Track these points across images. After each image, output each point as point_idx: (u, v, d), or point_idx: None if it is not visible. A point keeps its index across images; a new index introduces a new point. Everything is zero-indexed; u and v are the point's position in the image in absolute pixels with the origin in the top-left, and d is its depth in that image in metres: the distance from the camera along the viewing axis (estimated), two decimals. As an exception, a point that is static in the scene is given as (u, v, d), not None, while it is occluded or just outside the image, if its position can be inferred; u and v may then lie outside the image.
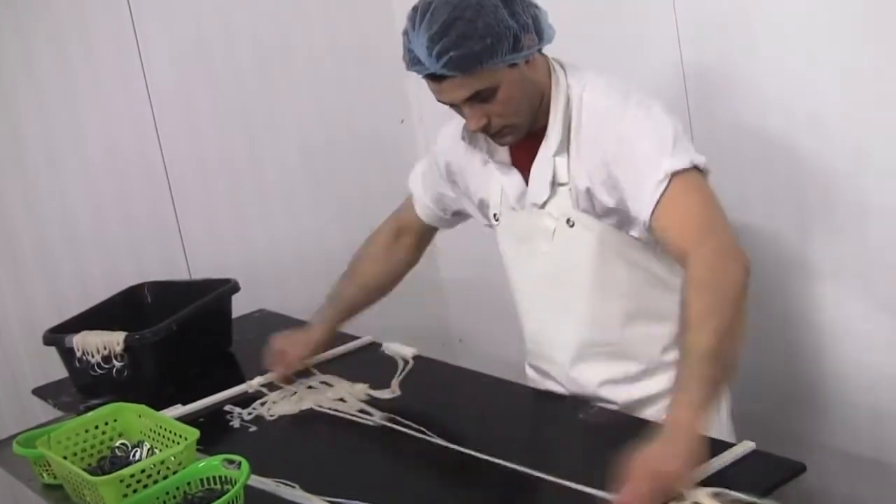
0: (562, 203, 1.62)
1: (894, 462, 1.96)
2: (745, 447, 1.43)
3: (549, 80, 1.60)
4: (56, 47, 2.42)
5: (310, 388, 1.90)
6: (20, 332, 2.41)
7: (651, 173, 1.47)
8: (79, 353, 2.00)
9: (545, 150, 1.61)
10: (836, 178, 1.90)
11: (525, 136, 1.61)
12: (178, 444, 1.51)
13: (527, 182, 1.65)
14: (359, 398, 1.81)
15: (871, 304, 1.92)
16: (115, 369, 1.98)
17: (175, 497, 1.40)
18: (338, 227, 2.86)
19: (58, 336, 2.06)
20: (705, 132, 2.07)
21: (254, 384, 1.94)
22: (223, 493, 1.39)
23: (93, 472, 1.54)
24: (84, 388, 2.06)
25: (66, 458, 1.55)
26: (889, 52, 1.75)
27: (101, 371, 1.99)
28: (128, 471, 1.43)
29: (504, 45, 1.48)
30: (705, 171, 1.51)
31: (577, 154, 1.58)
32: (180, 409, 1.88)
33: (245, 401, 1.89)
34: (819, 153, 1.91)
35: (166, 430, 1.57)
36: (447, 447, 1.57)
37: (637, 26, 2.19)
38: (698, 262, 1.41)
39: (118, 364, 1.98)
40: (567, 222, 1.62)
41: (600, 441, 1.57)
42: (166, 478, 1.43)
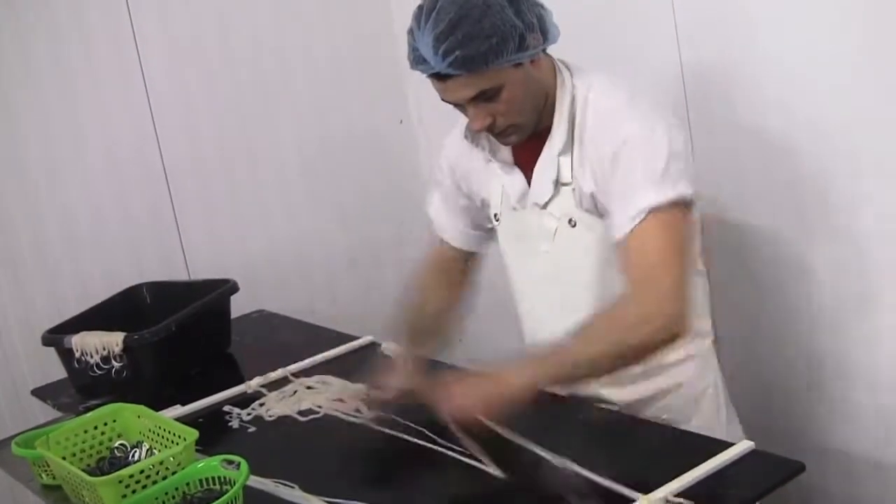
0: (564, 203, 1.62)
1: (893, 462, 1.96)
2: (744, 447, 1.42)
3: (554, 80, 1.60)
4: (55, 48, 2.42)
5: (309, 388, 1.90)
6: (19, 333, 2.40)
7: (633, 201, 1.49)
8: (78, 354, 2.00)
9: (549, 149, 1.60)
10: (835, 178, 1.90)
11: (530, 135, 1.61)
12: (177, 444, 1.51)
13: (529, 181, 1.65)
14: (357, 398, 1.81)
15: (870, 303, 1.92)
16: (114, 370, 1.99)
17: (174, 497, 1.40)
18: (337, 227, 2.86)
19: (57, 336, 2.06)
20: (704, 132, 2.08)
21: (253, 385, 1.94)
22: (222, 493, 1.39)
23: (92, 472, 1.54)
24: (83, 388, 2.06)
25: (65, 458, 1.55)
26: (889, 52, 1.75)
27: (100, 371, 1.99)
28: (127, 471, 1.43)
29: (510, 44, 1.47)
30: (690, 203, 1.52)
31: (581, 154, 1.58)
32: (179, 410, 1.88)
33: (244, 401, 1.89)
34: (818, 153, 1.91)
35: (165, 430, 1.57)
36: (446, 447, 1.57)
37: (636, 26, 2.19)
38: (633, 301, 1.47)
39: (117, 364, 1.98)
40: (569, 222, 1.62)
41: (601, 441, 1.57)
42: (165, 478, 1.43)
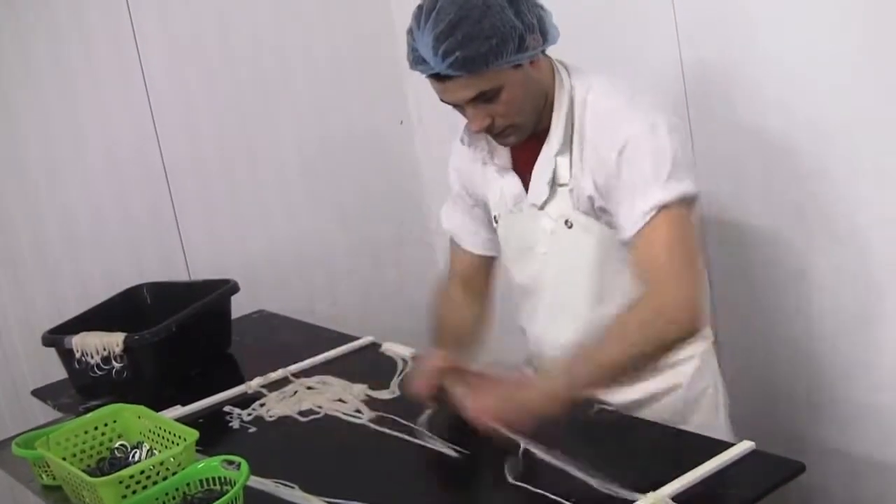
0: (561, 204, 1.62)
1: (893, 462, 1.96)
2: (744, 447, 1.42)
3: (553, 80, 1.60)
4: (55, 48, 2.42)
5: (309, 388, 1.90)
6: (19, 333, 2.40)
7: (641, 200, 1.49)
8: (78, 354, 2.00)
9: (547, 150, 1.60)
10: (835, 179, 1.90)
11: (529, 137, 1.61)
12: (178, 444, 1.51)
13: (526, 184, 1.65)
14: (358, 398, 1.81)
15: (869, 304, 1.92)
16: (114, 370, 1.98)
17: (174, 498, 1.41)
18: (337, 227, 2.86)
19: (57, 337, 2.06)
20: (705, 132, 2.08)
21: (253, 385, 1.94)
22: (222, 493, 1.39)
23: (92, 473, 1.54)
24: (83, 389, 2.06)
25: (65, 459, 1.55)
26: (889, 52, 1.75)
27: (100, 372, 1.99)
28: (127, 472, 1.43)
29: (509, 45, 1.47)
30: (693, 201, 1.52)
31: (580, 155, 1.58)
32: (180, 410, 1.88)
33: (244, 402, 1.89)
34: (818, 153, 1.91)
35: (166, 430, 1.57)
36: (446, 448, 1.57)
37: (636, 27, 2.19)
38: (651, 300, 1.47)
39: (117, 365, 1.98)
40: (565, 224, 1.62)
41: (601, 442, 1.57)
42: (166, 479, 1.43)
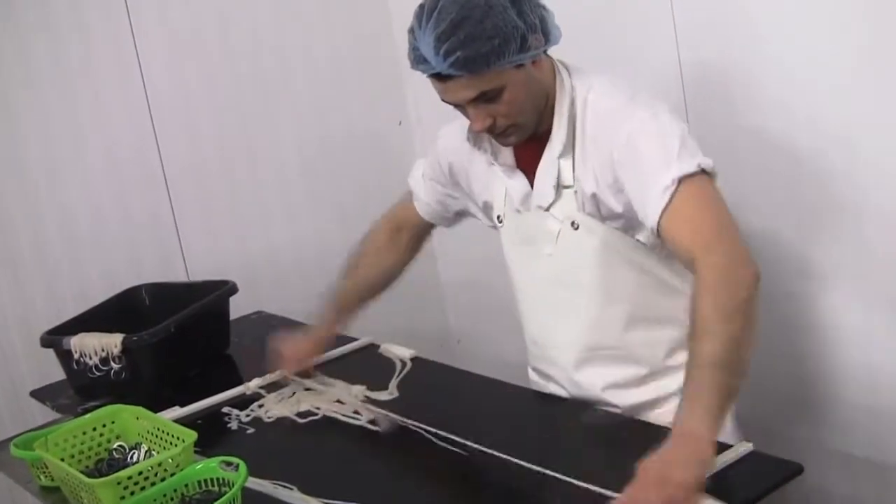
0: (566, 206, 1.61)
1: (892, 462, 1.96)
2: (743, 448, 1.42)
3: (554, 81, 1.59)
4: (55, 48, 2.42)
5: (307, 389, 1.90)
6: (18, 334, 2.40)
7: (658, 179, 1.45)
8: (76, 355, 2.00)
9: (549, 152, 1.60)
10: (834, 179, 1.90)
11: (530, 138, 1.60)
12: (176, 445, 1.51)
13: (531, 184, 1.64)
14: (356, 399, 1.81)
15: (868, 304, 1.92)
16: (112, 371, 1.98)
17: (173, 499, 1.40)
18: (336, 228, 2.85)
19: (55, 338, 2.05)
20: (703, 133, 2.06)
21: (252, 386, 1.94)
22: (221, 495, 1.39)
23: (90, 474, 1.54)
24: (82, 389, 2.06)
25: (63, 460, 1.55)
26: (889, 52, 1.75)
27: (98, 373, 1.99)
28: (125, 473, 1.43)
29: (511, 45, 1.46)
30: (713, 174, 1.49)
31: (583, 156, 1.57)
32: (178, 411, 1.87)
33: (243, 403, 1.89)
34: (818, 154, 1.91)
35: (164, 431, 1.57)
36: (445, 449, 1.57)
37: (635, 27, 2.19)
38: (707, 269, 1.39)
39: (116, 366, 1.98)
40: (571, 225, 1.61)
41: (602, 443, 1.57)
42: (164, 480, 1.43)
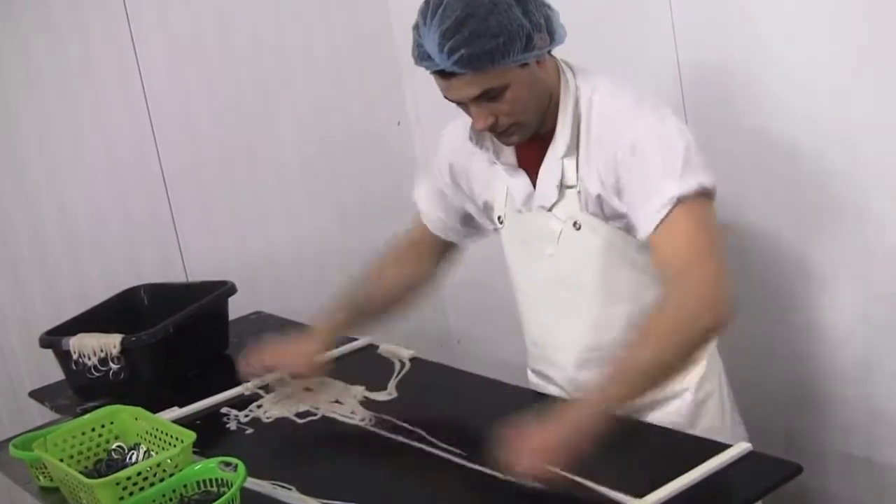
0: (569, 206, 1.60)
1: (891, 462, 1.96)
2: (741, 448, 1.42)
3: (558, 81, 1.59)
4: (54, 48, 2.42)
5: (306, 389, 1.90)
6: (17, 335, 2.40)
7: (657, 194, 1.47)
8: (75, 356, 2.00)
9: (553, 152, 1.59)
10: (834, 179, 1.90)
11: (532, 137, 1.60)
12: (175, 446, 1.51)
13: (534, 184, 1.64)
14: (355, 400, 1.81)
15: (868, 304, 1.92)
16: (111, 372, 1.98)
17: (171, 499, 1.40)
18: (335, 228, 2.86)
19: (54, 338, 2.05)
20: (703, 133, 2.06)
21: (250, 386, 1.94)
22: (219, 495, 1.39)
23: (89, 474, 1.54)
24: (81, 390, 2.06)
25: (62, 460, 1.55)
26: (889, 52, 1.75)
27: (97, 373, 1.99)
28: (124, 473, 1.43)
29: (516, 44, 1.46)
30: (711, 193, 1.50)
31: (587, 156, 1.57)
32: (177, 412, 1.87)
33: (242, 403, 1.89)
34: (818, 154, 1.91)
35: (163, 432, 1.57)
36: (444, 450, 1.57)
37: (634, 27, 2.19)
38: (676, 287, 1.44)
39: (115, 366, 1.98)
40: (574, 225, 1.61)
41: (602, 443, 1.56)
42: (163, 480, 1.43)
